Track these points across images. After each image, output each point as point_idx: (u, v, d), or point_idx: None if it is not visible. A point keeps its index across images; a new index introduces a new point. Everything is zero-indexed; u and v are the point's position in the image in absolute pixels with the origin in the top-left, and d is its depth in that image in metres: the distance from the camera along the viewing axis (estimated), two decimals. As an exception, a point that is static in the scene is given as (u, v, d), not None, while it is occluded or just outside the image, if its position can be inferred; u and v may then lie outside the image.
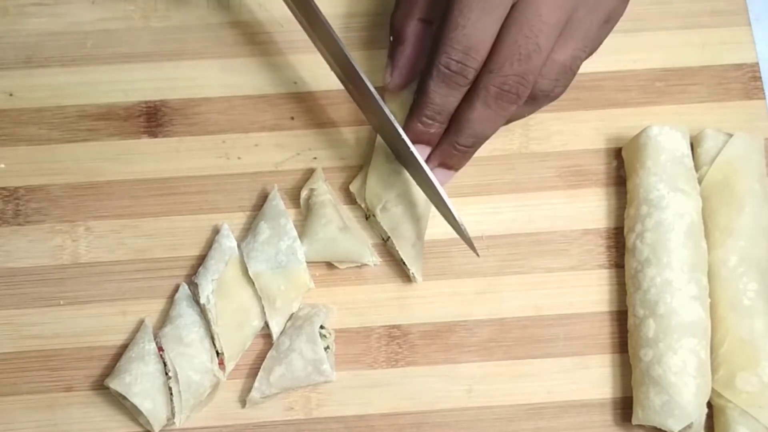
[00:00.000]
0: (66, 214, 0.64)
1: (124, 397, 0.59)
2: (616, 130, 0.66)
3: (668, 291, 0.59)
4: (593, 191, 0.65)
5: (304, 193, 0.64)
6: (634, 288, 0.61)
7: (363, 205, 0.63)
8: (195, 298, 0.62)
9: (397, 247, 0.61)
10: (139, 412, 0.59)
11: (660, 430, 0.58)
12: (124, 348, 0.61)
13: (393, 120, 0.58)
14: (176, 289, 0.63)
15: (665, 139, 0.62)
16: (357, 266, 0.63)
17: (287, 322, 0.62)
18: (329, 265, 0.64)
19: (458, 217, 0.59)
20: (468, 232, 0.59)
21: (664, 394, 0.57)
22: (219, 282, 0.61)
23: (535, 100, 0.59)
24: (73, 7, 0.69)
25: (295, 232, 0.62)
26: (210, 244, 0.63)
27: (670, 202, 0.61)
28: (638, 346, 0.60)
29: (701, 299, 0.59)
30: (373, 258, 0.63)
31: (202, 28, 0.68)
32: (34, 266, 0.63)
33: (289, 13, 0.62)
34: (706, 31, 0.68)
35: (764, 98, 0.67)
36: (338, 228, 0.62)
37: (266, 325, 0.62)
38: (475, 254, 0.60)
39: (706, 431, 0.60)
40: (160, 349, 0.60)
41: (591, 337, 0.63)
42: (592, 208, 0.65)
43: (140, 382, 0.59)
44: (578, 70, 0.59)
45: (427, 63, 0.58)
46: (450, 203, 0.59)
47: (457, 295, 0.63)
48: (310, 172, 0.65)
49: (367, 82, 0.58)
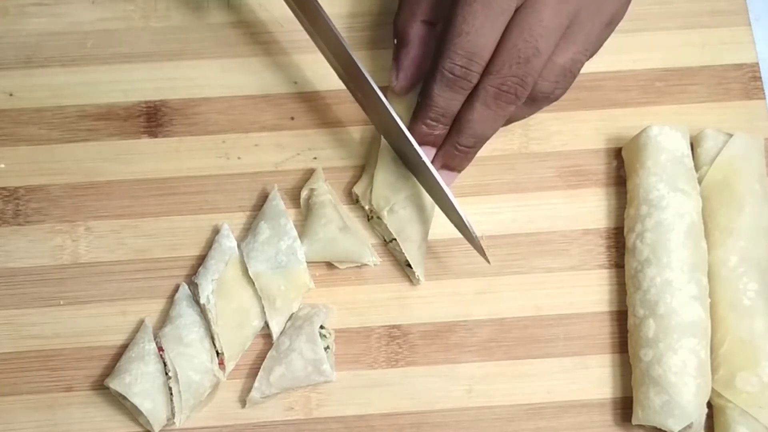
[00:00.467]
0: (66, 214, 0.64)
1: (124, 397, 0.59)
2: (616, 130, 0.66)
3: (668, 291, 0.59)
4: (593, 191, 0.65)
5: (304, 193, 0.64)
6: (634, 288, 0.61)
7: (367, 207, 0.63)
8: (195, 298, 0.62)
9: (404, 250, 0.61)
10: (139, 412, 0.59)
11: (660, 430, 0.58)
12: (124, 348, 0.61)
13: (398, 119, 0.58)
14: (176, 289, 0.63)
15: (665, 139, 0.62)
16: (357, 266, 0.63)
17: (287, 322, 0.62)
18: (329, 265, 0.64)
19: (466, 220, 0.59)
20: (477, 236, 0.59)
21: (664, 394, 0.57)
22: (219, 282, 0.61)
23: (535, 102, 0.60)
24: (73, 7, 0.69)
25: (295, 232, 0.62)
26: (210, 244, 0.63)
27: (670, 202, 0.61)
28: (638, 346, 0.60)
29: (701, 299, 0.59)
30: (373, 258, 0.63)
31: (202, 28, 0.68)
32: (34, 266, 0.63)
33: (290, 12, 0.62)
34: (706, 31, 0.68)
35: (764, 98, 0.67)
36: (338, 228, 0.62)
37: (266, 325, 0.62)
38: (486, 261, 0.60)
39: (706, 431, 0.60)
40: (160, 349, 0.60)
41: (591, 337, 0.63)
42: (592, 208, 0.65)
43: (140, 382, 0.59)
44: (579, 73, 0.59)
45: (431, 67, 0.58)
46: (457, 205, 0.59)
47: (457, 295, 0.63)
48: (310, 172, 0.65)
49: (371, 82, 0.58)
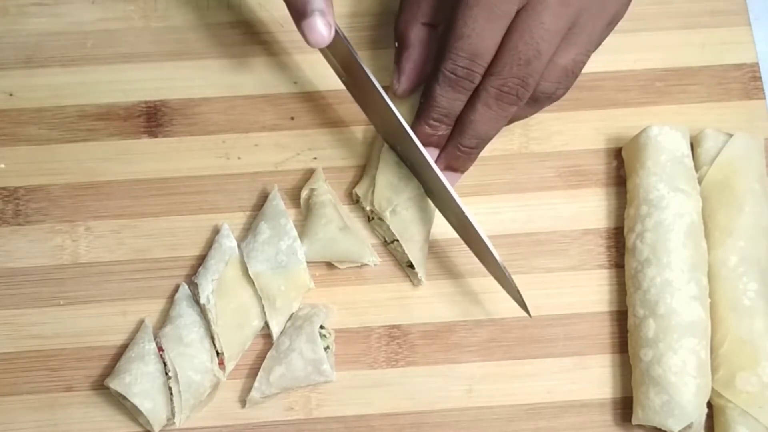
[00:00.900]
0: (66, 214, 0.64)
1: (124, 397, 0.59)
2: (616, 130, 0.66)
3: (668, 291, 0.59)
4: (593, 191, 0.65)
5: (305, 193, 0.64)
6: (634, 288, 0.61)
7: (368, 208, 0.63)
8: (195, 298, 0.62)
9: (406, 250, 0.61)
10: (139, 412, 0.59)
11: (660, 430, 0.58)
12: (124, 348, 0.61)
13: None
14: (176, 289, 0.63)
15: (665, 139, 0.62)
16: (357, 266, 0.63)
17: (287, 322, 0.62)
18: (329, 265, 0.64)
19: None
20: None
21: (664, 394, 0.57)
22: (219, 282, 0.61)
23: (537, 102, 0.60)
24: (73, 7, 0.69)
25: (295, 232, 0.62)
26: (210, 244, 0.63)
27: (670, 202, 0.60)
28: (638, 346, 0.60)
29: (701, 299, 0.59)
30: (373, 258, 0.63)
31: (202, 28, 0.68)
32: (34, 266, 0.63)
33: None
34: (706, 31, 0.68)
35: (764, 98, 0.67)
36: (338, 228, 0.62)
37: (266, 325, 0.62)
38: (527, 314, 0.60)
39: (706, 431, 0.60)
40: (160, 349, 0.60)
41: (591, 337, 0.63)
42: (592, 208, 0.65)
43: (140, 382, 0.59)
44: (581, 73, 0.59)
45: (433, 68, 0.58)
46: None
47: (457, 295, 0.63)
48: (310, 172, 0.65)
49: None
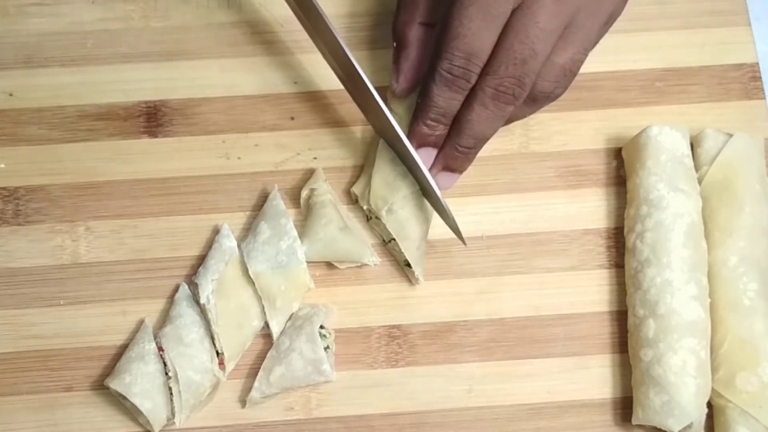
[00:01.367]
0: (66, 214, 0.64)
1: (124, 397, 0.59)
2: (616, 130, 0.66)
3: (668, 291, 0.59)
4: (593, 191, 0.65)
5: (305, 193, 0.64)
6: (634, 288, 0.61)
7: (365, 208, 0.63)
8: (195, 298, 0.61)
9: (403, 249, 0.61)
10: (139, 412, 0.59)
11: (660, 430, 0.58)
12: (124, 348, 0.61)
13: (394, 122, 0.59)
14: (176, 289, 0.63)
15: (665, 139, 0.62)
16: (357, 266, 0.63)
17: (287, 322, 0.62)
18: (329, 265, 0.64)
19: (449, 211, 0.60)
20: (458, 225, 0.60)
21: (664, 394, 0.57)
22: (219, 282, 0.61)
23: (535, 101, 0.60)
24: (73, 7, 0.69)
25: (295, 232, 0.62)
26: (210, 244, 0.63)
27: (670, 202, 0.60)
28: (638, 346, 0.60)
29: (701, 299, 0.59)
30: (373, 258, 0.63)
31: (202, 28, 0.68)
32: (34, 266, 0.63)
33: (290, 12, 0.62)
34: (706, 31, 0.68)
35: (764, 98, 0.67)
36: (338, 228, 0.62)
37: (266, 325, 0.61)
38: (462, 242, 0.61)
39: (706, 431, 0.60)
40: (160, 349, 0.60)
41: (591, 337, 0.63)
42: (592, 208, 0.65)
43: (140, 382, 0.59)
44: (578, 72, 0.59)
45: (429, 68, 0.58)
46: (447, 204, 0.59)
47: (457, 295, 0.63)
48: (310, 172, 0.65)
49: (368, 84, 0.59)
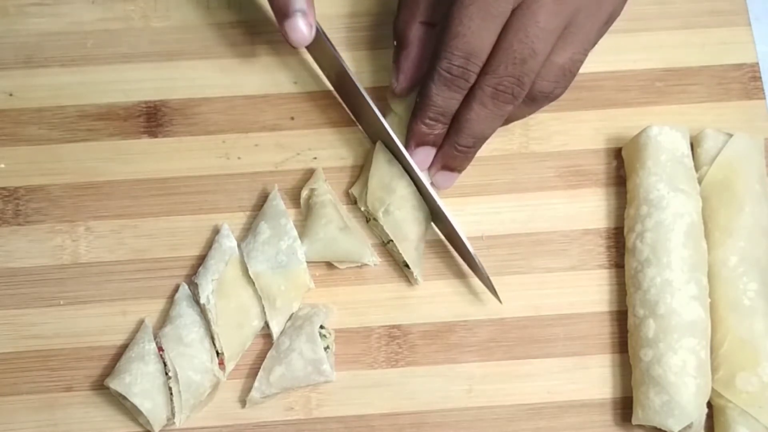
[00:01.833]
0: (66, 214, 0.64)
1: (124, 397, 0.59)
2: (616, 130, 0.66)
3: (668, 291, 0.59)
4: (593, 191, 0.65)
5: (305, 193, 0.64)
6: (634, 288, 0.61)
7: (363, 209, 0.63)
8: (195, 298, 0.61)
9: (401, 250, 0.61)
10: (139, 412, 0.59)
11: (660, 430, 0.58)
12: (124, 348, 0.61)
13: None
14: (176, 289, 0.63)
15: (665, 139, 0.62)
16: (357, 266, 0.63)
17: (287, 322, 0.62)
18: (329, 265, 0.64)
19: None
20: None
21: (664, 394, 0.57)
22: (219, 282, 0.61)
23: (535, 101, 0.60)
24: (73, 7, 0.69)
25: (295, 232, 0.62)
26: (210, 244, 0.63)
27: (670, 202, 0.60)
28: (638, 346, 0.60)
29: (701, 299, 0.59)
30: (373, 258, 0.63)
31: (202, 28, 0.68)
32: (34, 266, 0.63)
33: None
34: (706, 31, 0.68)
35: (764, 98, 0.67)
36: (338, 228, 0.62)
37: (266, 325, 0.61)
38: (498, 300, 0.61)
39: (706, 431, 0.60)
40: (160, 349, 0.60)
41: (591, 337, 0.63)
42: (592, 208, 0.65)
43: (140, 382, 0.59)
44: (578, 71, 0.59)
45: (429, 67, 0.58)
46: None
47: (457, 295, 0.63)
48: (310, 172, 0.65)
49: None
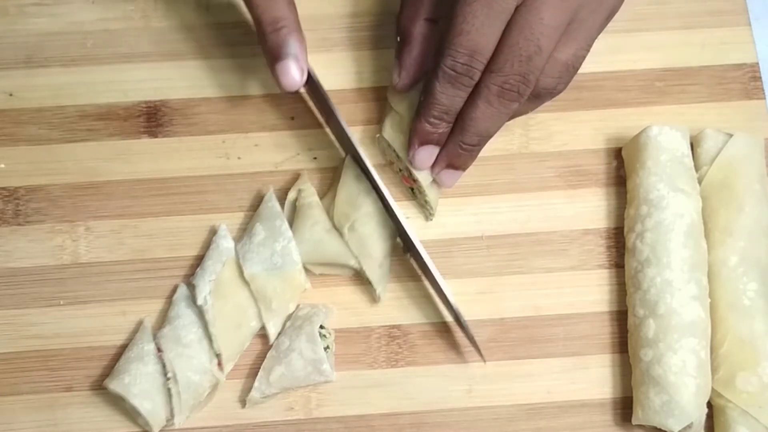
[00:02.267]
0: (66, 214, 0.64)
1: (123, 398, 0.59)
2: (616, 130, 0.66)
3: (668, 291, 0.59)
4: (593, 191, 0.65)
5: (292, 195, 0.63)
6: (634, 288, 0.61)
7: (330, 223, 0.63)
8: (193, 299, 0.61)
9: (364, 267, 0.61)
10: (138, 413, 0.59)
11: (660, 430, 0.58)
12: (124, 348, 0.61)
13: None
14: (175, 290, 0.62)
15: (665, 139, 0.62)
16: (334, 275, 0.63)
17: (287, 321, 0.62)
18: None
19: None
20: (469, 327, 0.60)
21: (664, 394, 0.57)
22: (216, 283, 0.61)
23: (538, 98, 0.60)
24: (73, 7, 0.69)
25: (290, 234, 0.61)
26: (209, 245, 0.63)
27: (670, 202, 0.60)
28: (638, 346, 0.60)
29: (701, 299, 0.59)
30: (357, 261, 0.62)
31: (202, 28, 0.68)
32: (34, 266, 0.63)
33: (289, 13, 0.62)
34: (706, 31, 0.68)
35: (764, 98, 0.67)
36: (325, 230, 0.62)
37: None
38: (482, 359, 0.61)
39: (706, 431, 0.60)
40: (159, 350, 0.60)
41: (591, 337, 0.63)
42: (592, 208, 0.65)
43: (139, 383, 0.59)
44: (580, 67, 0.59)
45: (433, 65, 0.58)
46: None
47: (457, 295, 0.63)
48: (310, 172, 0.65)
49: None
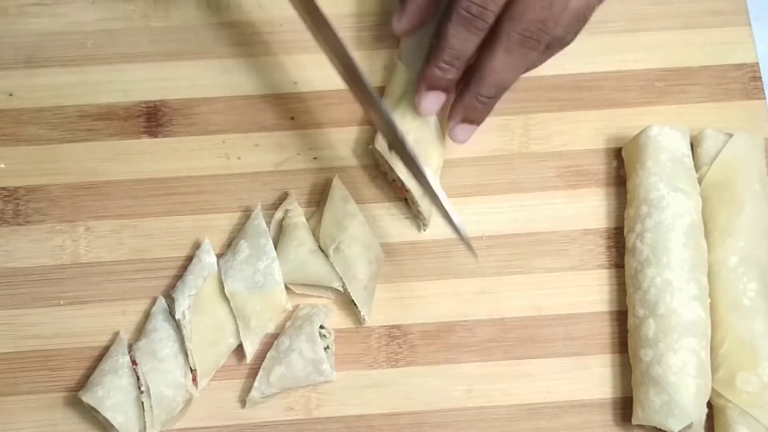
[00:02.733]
0: (66, 214, 0.64)
1: (97, 411, 0.58)
2: (616, 130, 0.66)
3: (668, 291, 0.59)
4: (593, 191, 0.65)
5: (279, 215, 0.63)
6: (634, 288, 0.61)
7: (316, 244, 0.62)
8: (171, 313, 0.61)
9: (349, 289, 0.61)
10: (111, 426, 0.58)
11: (660, 430, 0.58)
12: (124, 348, 0.61)
13: (393, 121, 0.58)
14: (154, 302, 0.62)
15: (665, 139, 0.62)
16: (317, 296, 0.63)
17: (287, 321, 0.62)
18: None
19: (457, 220, 0.58)
20: (467, 234, 0.59)
21: (664, 394, 0.57)
22: (196, 298, 0.60)
23: (548, 48, 0.59)
24: (73, 7, 0.69)
25: (274, 253, 0.61)
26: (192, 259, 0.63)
27: (670, 202, 0.60)
28: (638, 346, 0.60)
29: (701, 299, 0.59)
30: (341, 283, 0.62)
31: (202, 28, 0.68)
32: (34, 266, 0.63)
33: (289, 13, 0.61)
34: (706, 31, 0.68)
35: (764, 98, 0.67)
36: (310, 251, 0.62)
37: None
38: (474, 256, 0.60)
39: (706, 431, 0.60)
40: (134, 363, 0.59)
41: (591, 337, 0.63)
42: (592, 208, 0.65)
43: (113, 396, 0.58)
44: (590, 18, 0.58)
45: (446, 7, 0.57)
46: (449, 205, 0.58)
47: (457, 295, 0.63)
48: (310, 172, 0.65)
49: (369, 87, 0.58)
